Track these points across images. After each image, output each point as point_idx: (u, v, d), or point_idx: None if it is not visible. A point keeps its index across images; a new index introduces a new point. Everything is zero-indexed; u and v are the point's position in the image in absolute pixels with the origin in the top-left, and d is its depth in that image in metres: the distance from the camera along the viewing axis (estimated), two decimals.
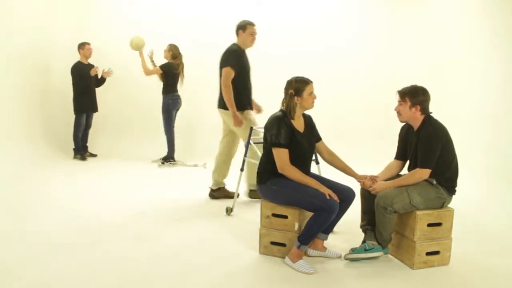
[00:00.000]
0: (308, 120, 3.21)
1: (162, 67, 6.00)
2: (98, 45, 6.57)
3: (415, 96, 2.98)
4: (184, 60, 6.33)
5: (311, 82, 3.10)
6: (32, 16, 6.19)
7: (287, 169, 2.97)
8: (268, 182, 3.06)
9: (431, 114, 3.05)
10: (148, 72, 6.01)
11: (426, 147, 2.94)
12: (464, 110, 5.30)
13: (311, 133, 3.21)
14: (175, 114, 6.30)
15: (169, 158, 6.19)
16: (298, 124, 3.10)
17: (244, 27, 4.25)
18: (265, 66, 6.55)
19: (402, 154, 3.22)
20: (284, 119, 3.03)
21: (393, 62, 6.52)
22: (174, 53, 6.09)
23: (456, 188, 3.07)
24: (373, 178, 3.15)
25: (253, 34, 4.24)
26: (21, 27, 5.91)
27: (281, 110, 3.11)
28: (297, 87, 3.04)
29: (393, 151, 3.33)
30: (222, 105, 4.29)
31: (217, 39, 6.90)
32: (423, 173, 2.95)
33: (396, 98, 3.07)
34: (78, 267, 2.89)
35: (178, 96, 6.22)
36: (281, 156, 2.97)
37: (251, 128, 4.02)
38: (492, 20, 5.03)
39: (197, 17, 6.93)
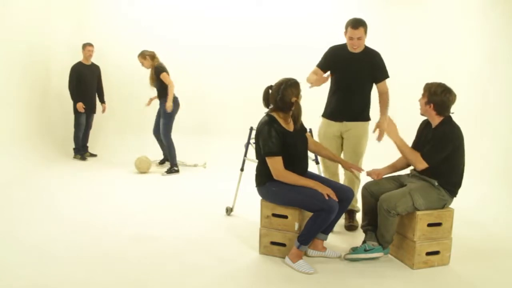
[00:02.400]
0: (295, 115, 3.07)
1: (161, 69, 5.54)
2: (98, 45, 6.55)
3: (432, 94, 2.96)
4: (184, 60, 6.31)
5: (298, 82, 3.08)
6: (32, 16, 6.18)
7: (282, 176, 2.95)
8: (268, 184, 3.05)
9: (451, 115, 3.02)
10: (172, 85, 5.56)
11: (437, 144, 2.93)
12: (464, 110, 5.29)
13: (301, 129, 3.17)
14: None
15: (173, 167, 5.70)
16: (288, 125, 3.07)
17: (345, 29, 3.55)
18: (265, 65, 6.56)
19: (416, 147, 3.20)
20: (273, 124, 2.98)
21: (392, 61, 6.51)
22: (151, 55, 5.61)
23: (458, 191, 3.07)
24: (374, 172, 3.19)
25: (351, 38, 3.51)
26: (20, 27, 5.90)
27: (268, 115, 3.06)
28: (297, 91, 3.01)
29: (390, 152, 3.33)
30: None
31: (217, 39, 6.93)
32: (420, 162, 2.95)
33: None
34: (78, 267, 2.89)
35: (177, 97, 5.80)
36: (275, 164, 2.95)
37: (251, 128, 4.01)
38: (491, 20, 5.03)
39: (197, 17, 6.92)
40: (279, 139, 2.94)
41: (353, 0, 6.72)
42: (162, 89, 5.61)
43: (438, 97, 2.95)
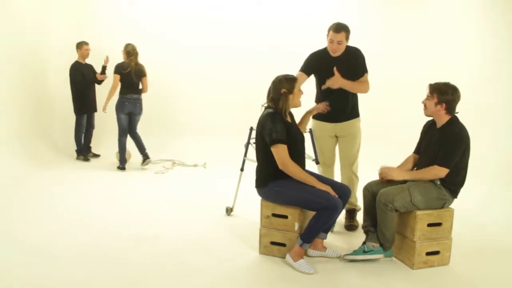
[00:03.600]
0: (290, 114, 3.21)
1: (115, 68, 5.72)
2: (98, 45, 6.56)
3: (443, 94, 2.94)
4: (183, 60, 6.29)
5: (297, 78, 3.14)
6: (32, 16, 6.18)
7: (287, 165, 2.95)
8: (270, 184, 3.05)
9: (457, 115, 3.02)
10: (113, 87, 5.73)
11: (449, 146, 2.90)
12: (464, 110, 5.30)
13: (296, 124, 3.24)
14: (133, 117, 5.88)
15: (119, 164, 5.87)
16: (288, 120, 3.12)
17: (327, 32, 3.54)
18: (265, 65, 6.56)
19: (420, 149, 3.20)
20: (277, 115, 3.02)
21: (392, 61, 6.51)
22: (127, 51, 5.74)
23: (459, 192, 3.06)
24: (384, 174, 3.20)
25: (332, 42, 3.50)
26: (20, 27, 5.91)
27: (270, 107, 3.09)
28: (289, 86, 3.04)
29: (389, 152, 3.33)
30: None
31: (217, 39, 6.94)
32: (440, 171, 2.91)
33: (426, 91, 3.03)
34: (78, 267, 2.89)
35: (127, 99, 5.72)
36: (281, 152, 2.94)
37: (251, 128, 4.00)
38: (491, 20, 5.03)
39: (197, 17, 6.93)
40: (284, 128, 2.97)
41: (353, 0, 6.73)
42: (120, 86, 5.79)
43: (449, 96, 2.93)
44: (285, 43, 6.68)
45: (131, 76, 5.71)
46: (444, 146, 2.92)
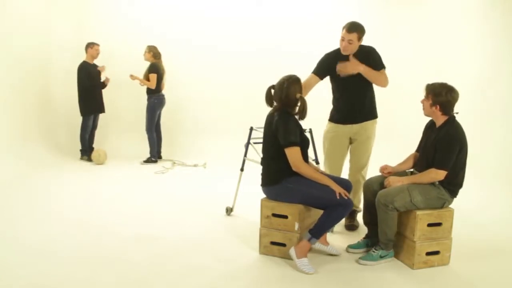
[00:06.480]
0: (300, 110, 3.18)
1: (152, 69, 6.03)
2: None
3: (437, 95, 2.94)
4: (183, 60, 6.31)
5: (298, 78, 3.13)
6: (32, 16, 6.18)
7: (301, 166, 2.95)
8: (283, 181, 3.03)
9: (455, 115, 3.01)
10: (151, 84, 6.05)
11: (444, 147, 2.90)
12: (464, 110, 5.29)
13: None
14: (160, 113, 6.38)
15: (151, 157, 6.26)
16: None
17: (342, 29, 3.48)
18: (265, 65, 6.56)
19: (422, 149, 3.20)
20: (292, 117, 3.03)
21: (392, 62, 6.51)
22: (155, 53, 6.10)
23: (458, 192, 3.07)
24: (385, 168, 3.23)
25: (343, 40, 3.44)
26: (21, 27, 5.91)
27: (280, 109, 3.06)
28: (300, 88, 3.05)
29: (389, 151, 3.32)
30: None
31: (217, 39, 6.94)
32: (439, 174, 2.92)
33: (423, 91, 3.04)
34: (78, 267, 2.89)
35: (163, 95, 6.28)
36: (295, 154, 2.95)
37: (251, 128, 4.00)
38: (491, 21, 5.03)
39: (197, 17, 6.92)
40: (298, 131, 2.99)
41: (353, 0, 6.72)
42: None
43: (444, 97, 2.93)
44: (285, 43, 6.68)
45: (162, 77, 6.21)
46: (440, 149, 2.93)
